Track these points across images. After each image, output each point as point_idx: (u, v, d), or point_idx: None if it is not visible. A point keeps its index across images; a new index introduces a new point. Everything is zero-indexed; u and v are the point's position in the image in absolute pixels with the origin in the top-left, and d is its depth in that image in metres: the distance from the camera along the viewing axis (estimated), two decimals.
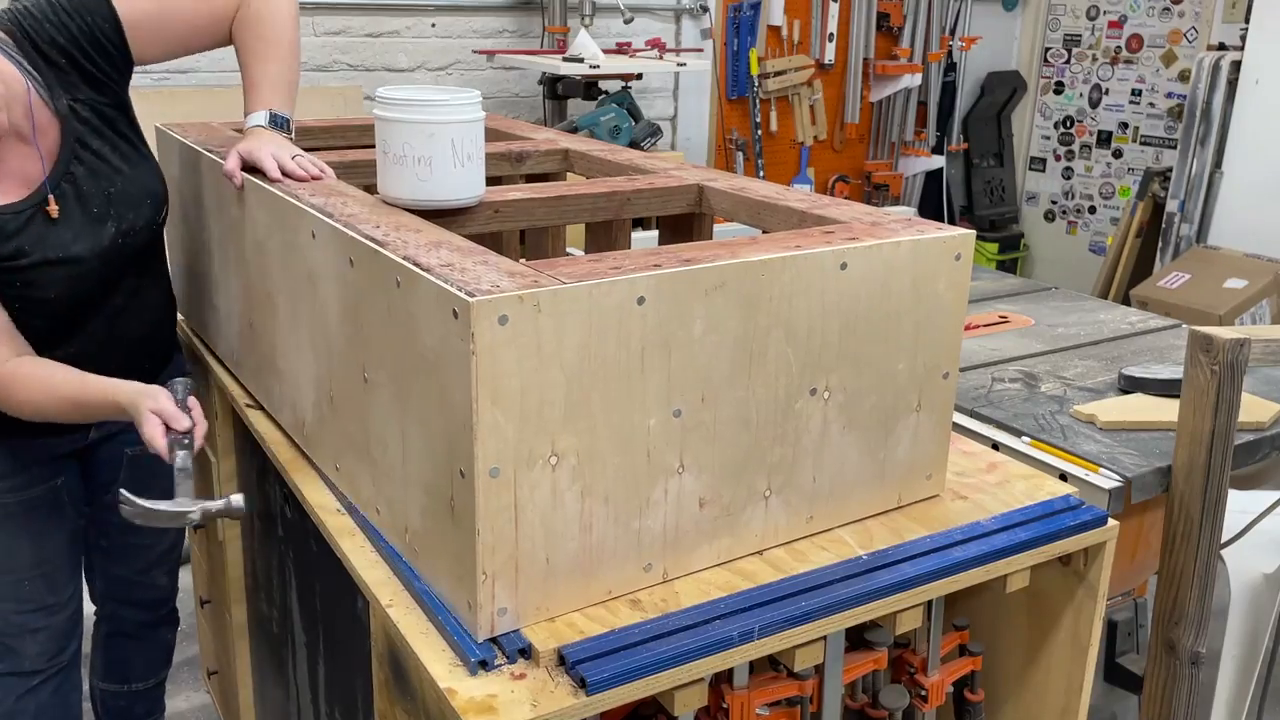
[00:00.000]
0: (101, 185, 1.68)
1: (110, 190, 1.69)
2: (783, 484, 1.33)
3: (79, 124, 1.65)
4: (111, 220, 1.69)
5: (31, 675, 1.91)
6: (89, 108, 1.67)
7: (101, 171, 1.68)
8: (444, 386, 1.12)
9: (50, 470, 1.85)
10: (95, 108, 1.67)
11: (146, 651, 2.24)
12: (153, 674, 2.27)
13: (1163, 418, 1.87)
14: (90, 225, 1.67)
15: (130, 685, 2.25)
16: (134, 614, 2.17)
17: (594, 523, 1.18)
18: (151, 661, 2.26)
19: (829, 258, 1.28)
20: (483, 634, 1.14)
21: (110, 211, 1.69)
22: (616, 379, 1.15)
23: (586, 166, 1.98)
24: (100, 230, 1.68)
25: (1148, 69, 5.57)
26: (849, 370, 1.34)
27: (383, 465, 1.32)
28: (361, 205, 1.45)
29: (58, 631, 1.92)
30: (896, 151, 5.70)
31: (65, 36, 1.62)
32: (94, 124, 1.67)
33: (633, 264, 1.17)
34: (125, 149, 1.73)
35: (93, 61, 1.65)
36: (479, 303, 1.04)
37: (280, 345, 1.62)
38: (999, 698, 1.67)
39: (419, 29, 4.18)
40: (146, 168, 1.77)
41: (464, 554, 1.14)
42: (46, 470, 1.84)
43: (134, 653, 2.22)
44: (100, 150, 1.68)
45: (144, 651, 2.23)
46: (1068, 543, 1.44)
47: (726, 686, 1.32)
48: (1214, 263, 4.32)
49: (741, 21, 4.96)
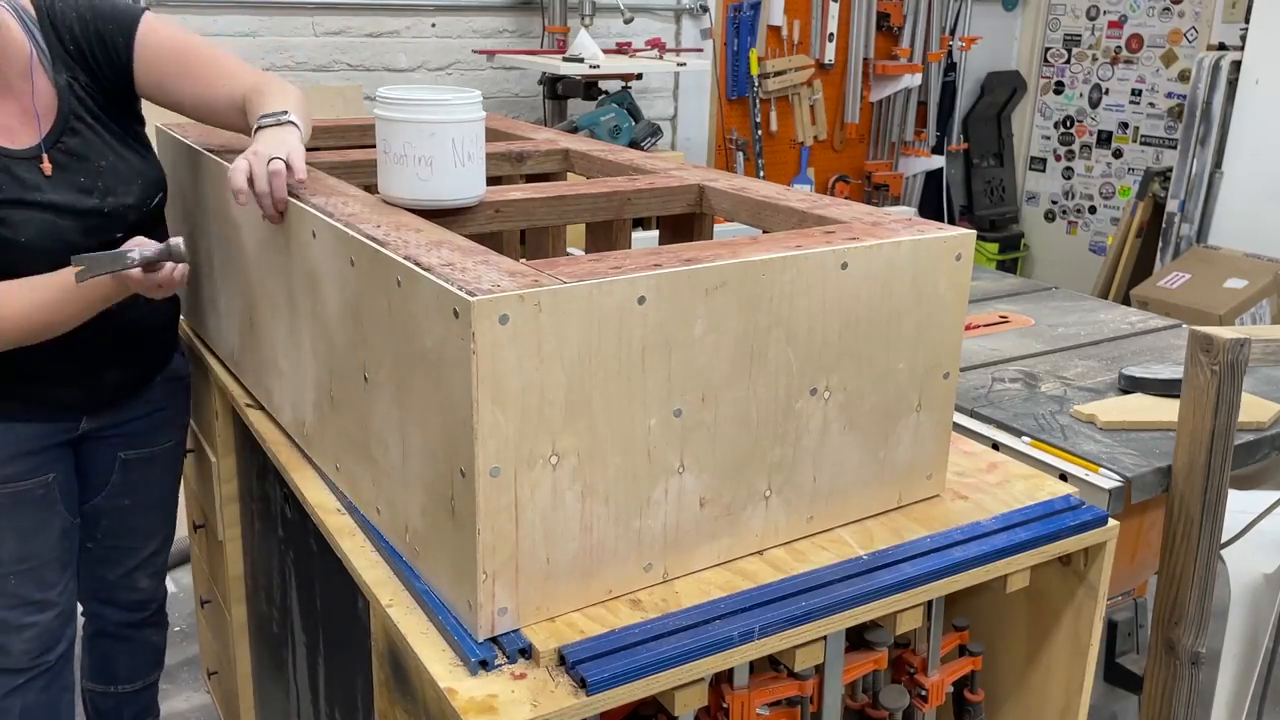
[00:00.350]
0: (93, 159, 1.73)
1: (101, 164, 1.74)
2: (783, 484, 1.33)
3: (74, 100, 1.73)
4: (98, 193, 1.73)
5: (17, 673, 1.90)
6: (87, 92, 1.74)
7: (94, 146, 1.74)
8: (444, 386, 1.12)
9: (42, 464, 1.84)
10: (93, 95, 1.74)
11: (131, 653, 2.22)
12: (140, 676, 2.25)
13: (1163, 418, 1.87)
14: (75, 190, 1.71)
15: (117, 686, 2.23)
16: (116, 614, 2.16)
17: (594, 522, 1.18)
18: (137, 664, 2.24)
19: (830, 257, 1.28)
20: (483, 634, 1.14)
21: (98, 184, 1.74)
22: (617, 378, 1.15)
23: (587, 166, 1.98)
24: (84, 197, 1.72)
25: (1148, 69, 5.57)
26: (849, 370, 1.34)
27: (383, 465, 1.32)
28: (362, 205, 1.45)
29: (45, 630, 1.90)
30: (896, 151, 5.70)
31: (81, 30, 1.72)
32: (89, 106, 1.74)
33: (633, 264, 1.17)
34: (121, 135, 1.78)
35: (98, 63, 1.73)
36: (480, 302, 1.04)
37: (280, 345, 1.62)
38: (999, 698, 1.67)
39: (419, 29, 4.18)
40: (143, 158, 1.81)
41: (464, 554, 1.14)
42: (39, 463, 1.84)
43: (118, 653, 2.21)
44: (94, 127, 1.75)
45: (128, 653, 2.21)
46: (1068, 543, 1.44)
47: (727, 686, 1.32)
48: (1214, 263, 4.32)
49: (741, 21, 4.96)
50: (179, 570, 3.17)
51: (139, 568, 2.11)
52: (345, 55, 4.05)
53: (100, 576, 2.09)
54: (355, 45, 4.07)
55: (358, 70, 4.09)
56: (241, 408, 1.79)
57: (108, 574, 2.09)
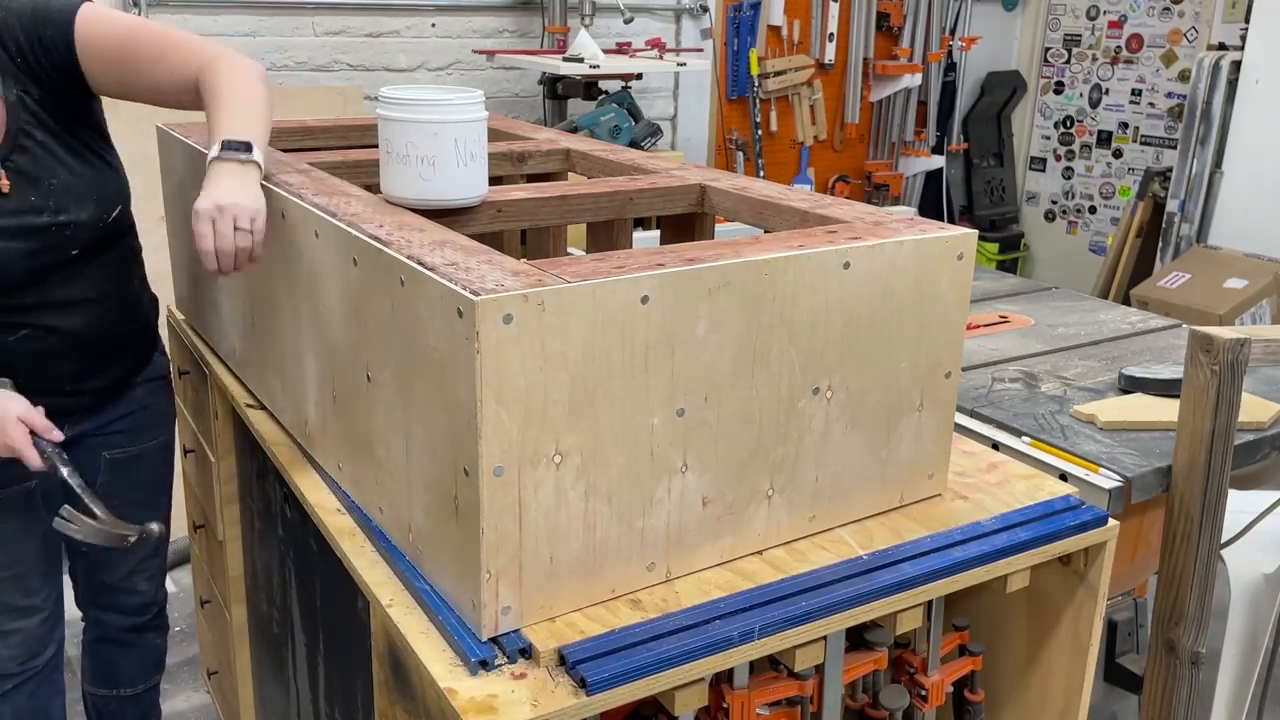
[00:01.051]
0: (43, 178, 1.67)
1: (52, 182, 1.68)
2: (785, 483, 1.33)
3: (25, 114, 1.65)
4: (48, 211, 1.68)
5: (5, 679, 1.89)
6: (39, 104, 1.66)
7: (45, 164, 1.68)
8: (448, 385, 1.12)
9: (25, 471, 1.77)
10: (45, 107, 1.67)
11: (133, 657, 2.21)
12: (142, 680, 2.25)
13: (1163, 418, 1.87)
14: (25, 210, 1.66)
15: (119, 690, 2.23)
16: (117, 619, 2.15)
17: (598, 522, 1.18)
18: (139, 667, 2.23)
19: (832, 257, 1.28)
20: (486, 632, 1.14)
21: (49, 203, 1.68)
22: (620, 378, 1.15)
23: (588, 166, 1.98)
24: (33, 216, 1.67)
25: (1148, 69, 5.57)
26: (851, 369, 1.34)
27: (386, 464, 1.32)
28: (364, 205, 1.45)
29: (30, 636, 1.90)
30: (896, 151, 5.70)
31: (26, 41, 1.63)
32: (42, 118, 1.67)
33: (636, 263, 1.18)
34: (78, 149, 1.72)
35: (45, 71, 1.65)
36: (484, 302, 1.04)
37: (282, 345, 1.62)
38: (999, 698, 1.67)
39: (419, 29, 4.18)
40: (101, 172, 1.75)
41: (468, 552, 1.14)
42: (20, 470, 1.77)
43: (120, 658, 2.20)
44: (46, 143, 1.68)
45: (131, 657, 2.21)
46: (1068, 543, 1.44)
47: (727, 686, 1.33)
48: (1214, 263, 4.32)
49: (741, 21, 4.96)
50: (179, 570, 3.17)
51: (136, 571, 2.10)
52: (345, 55, 4.05)
53: (99, 582, 2.09)
54: (355, 45, 4.07)
55: (358, 70, 4.08)
56: (241, 408, 1.79)
57: (105, 579, 2.08)
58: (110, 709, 2.24)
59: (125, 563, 2.08)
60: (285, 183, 1.57)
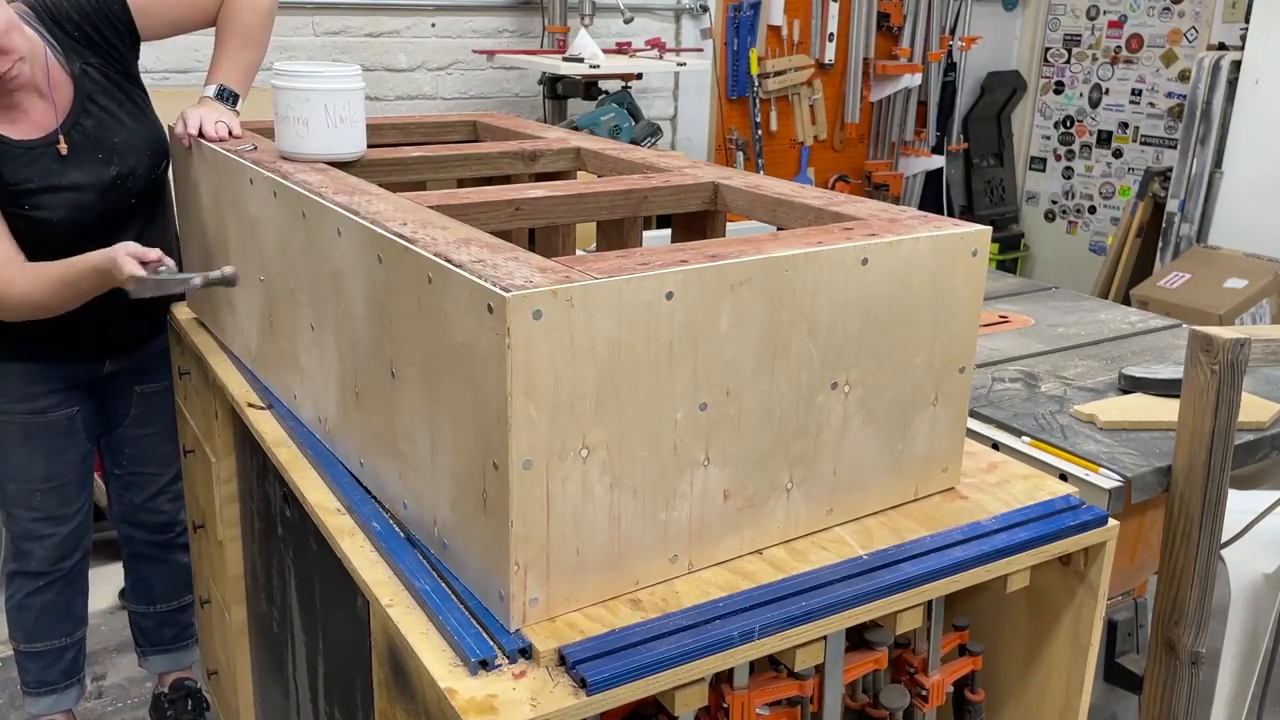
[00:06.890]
0: (107, 135, 2.01)
1: (115, 140, 2.01)
2: (804, 476, 1.34)
3: (90, 84, 2.00)
4: (115, 164, 2.01)
5: (38, 576, 2.27)
6: (99, 71, 2.00)
7: (108, 124, 2.01)
8: (477, 380, 1.12)
9: (68, 400, 2.19)
10: (104, 72, 2.01)
11: (163, 573, 2.52)
12: (175, 596, 2.55)
13: (1163, 418, 1.87)
14: (94, 165, 1.99)
15: (156, 606, 2.55)
16: (145, 535, 2.47)
17: (623, 514, 1.19)
18: (170, 584, 2.54)
19: (850, 254, 1.29)
20: (515, 624, 1.15)
21: (114, 158, 2.01)
22: (645, 372, 1.16)
23: (599, 165, 1.99)
24: (103, 170, 2.00)
25: (1148, 69, 5.57)
26: (869, 364, 1.35)
27: (410, 459, 1.32)
28: (386, 203, 1.45)
29: (63, 540, 2.26)
30: (896, 151, 5.70)
31: (80, 14, 1.97)
32: (103, 84, 2.01)
33: (660, 260, 1.18)
34: (130, 108, 2.05)
35: (103, 36, 1.99)
36: (514, 298, 1.05)
37: (302, 342, 1.62)
38: (999, 698, 1.67)
39: (419, 29, 4.18)
40: (149, 123, 2.10)
41: (496, 545, 1.14)
42: (65, 399, 2.19)
43: (153, 574, 2.52)
44: (108, 106, 2.01)
45: (161, 573, 2.52)
46: (1068, 543, 1.44)
47: (727, 686, 1.32)
48: (1214, 263, 4.32)
49: (741, 21, 4.96)
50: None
51: (160, 493, 2.44)
52: (345, 55, 4.05)
53: (128, 501, 2.44)
54: (355, 45, 4.07)
55: None
56: (242, 407, 1.79)
57: (134, 498, 2.43)
58: (149, 625, 2.58)
59: (151, 485, 2.42)
60: (304, 182, 1.58)
